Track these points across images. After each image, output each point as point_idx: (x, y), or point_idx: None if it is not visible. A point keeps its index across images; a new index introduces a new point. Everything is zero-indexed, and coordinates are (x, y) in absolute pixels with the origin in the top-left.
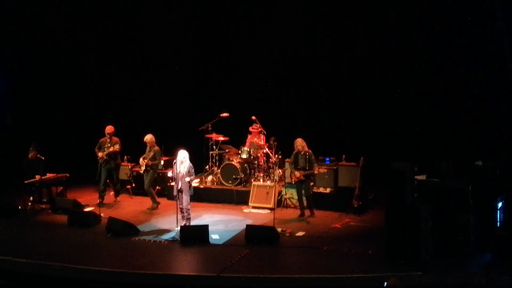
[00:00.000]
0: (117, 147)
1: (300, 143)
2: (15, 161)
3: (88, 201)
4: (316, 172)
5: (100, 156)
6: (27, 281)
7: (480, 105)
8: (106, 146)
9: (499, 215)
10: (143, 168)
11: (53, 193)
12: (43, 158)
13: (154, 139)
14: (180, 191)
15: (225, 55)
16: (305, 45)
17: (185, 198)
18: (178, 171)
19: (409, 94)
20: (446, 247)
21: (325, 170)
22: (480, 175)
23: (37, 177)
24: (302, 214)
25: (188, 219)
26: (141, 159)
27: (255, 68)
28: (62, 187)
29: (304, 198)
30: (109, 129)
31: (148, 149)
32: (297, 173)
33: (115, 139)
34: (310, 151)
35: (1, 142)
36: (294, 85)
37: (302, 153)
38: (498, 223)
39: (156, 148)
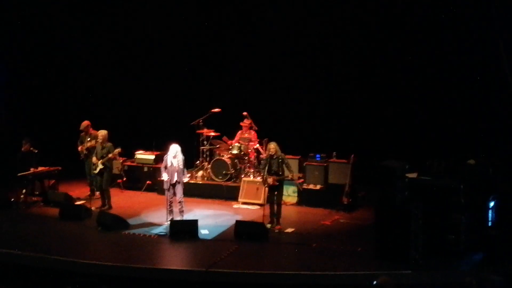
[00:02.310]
0: (93, 142)
1: (273, 147)
2: (8, 154)
3: (80, 195)
4: (289, 178)
5: (80, 149)
6: (18, 272)
7: (472, 103)
8: (86, 140)
9: (491, 214)
10: (98, 168)
11: (45, 186)
12: (36, 151)
13: (107, 136)
14: (174, 184)
15: (218, 50)
16: (297, 42)
17: (181, 190)
18: (170, 164)
19: (400, 92)
20: (437, 246)
21: (300, 175)
22: (472, 174)
23: (31, 169)
24: (271, 222)
25: (182, 212)
26: (94, 158)
27: (247, 64)
28: (54, 180)
29: (275, 206)
30: (83, 124)
31: (100, 146)
32: (270, 179)
33: (94, 132)
34: (283, 155)
35: None
36: (286, 81)
37: (274, 157)
38: (490, 222)
39: (109, 144)
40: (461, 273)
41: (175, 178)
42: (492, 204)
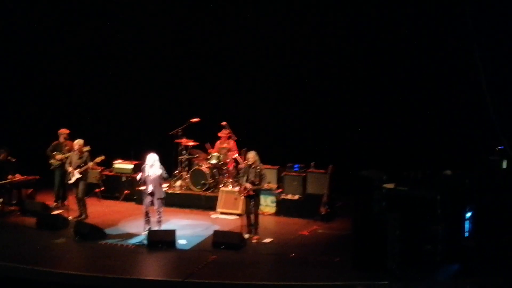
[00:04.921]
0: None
1: (252, 156)
2: None
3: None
4: (266, 187)
5: (60, 158)
6: None
7: (449, 114)
8: (63, 149)
9: (467, 225)
10: (74, 178)
11: (23, 195)
12: (13, 159)
13: (83, 145)
14: (152, 194)
15: (198, 59)
16: (276, 51)
17: (159, 201)
18: (147, 174)
19: (379, 103)
20: (413, 256)
21: (275, 186)
22: (449, 184)
23: (9, 178)
24: (249, 232)
25: (160, 222)
26: (70, 169)
27: (226, 73)
28: (31, 189)
29: (252, 216)
30: (64, 132)
31: (76, 155)
32: (248, 185)
33: (70, 142)
34: (261, 165)
35: None
36: (265, 91)
37: (253, 166)
38: (466, 233)
39: (86, 153)
40: (438, 283)
41: (151, 188)
42: (468, 214)
